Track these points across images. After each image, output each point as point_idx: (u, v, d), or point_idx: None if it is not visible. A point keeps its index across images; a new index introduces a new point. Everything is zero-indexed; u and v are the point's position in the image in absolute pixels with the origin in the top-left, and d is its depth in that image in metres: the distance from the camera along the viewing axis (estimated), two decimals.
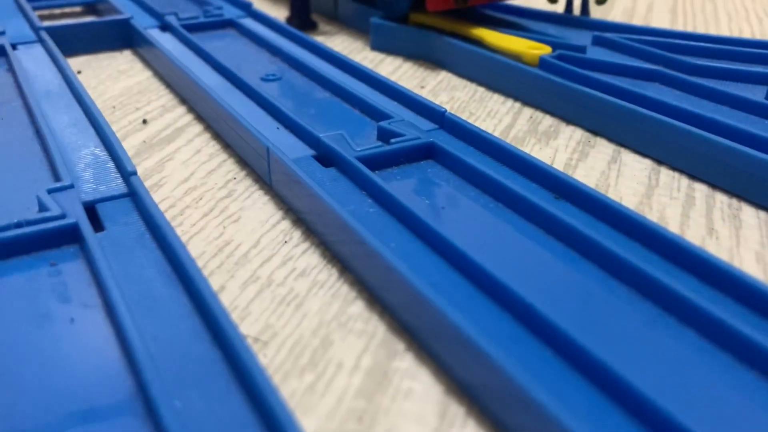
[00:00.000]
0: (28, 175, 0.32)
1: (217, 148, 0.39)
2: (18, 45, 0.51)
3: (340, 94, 0.41)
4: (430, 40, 0.52)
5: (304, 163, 0.33)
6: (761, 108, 0.39)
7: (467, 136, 0.36)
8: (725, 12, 0.64)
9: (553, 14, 0.55)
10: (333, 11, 0.63)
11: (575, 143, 0.39)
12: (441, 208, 0.30)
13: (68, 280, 0.26)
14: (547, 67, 0.45)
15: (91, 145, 0.36)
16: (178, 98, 0.46)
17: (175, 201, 0.34)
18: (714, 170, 0.35)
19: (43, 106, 0.40)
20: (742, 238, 0.30)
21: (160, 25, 0.56)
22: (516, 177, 0.32)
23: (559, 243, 0.28)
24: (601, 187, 0.34)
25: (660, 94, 0.41)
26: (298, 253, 0.30)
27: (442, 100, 0.45)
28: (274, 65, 0.47)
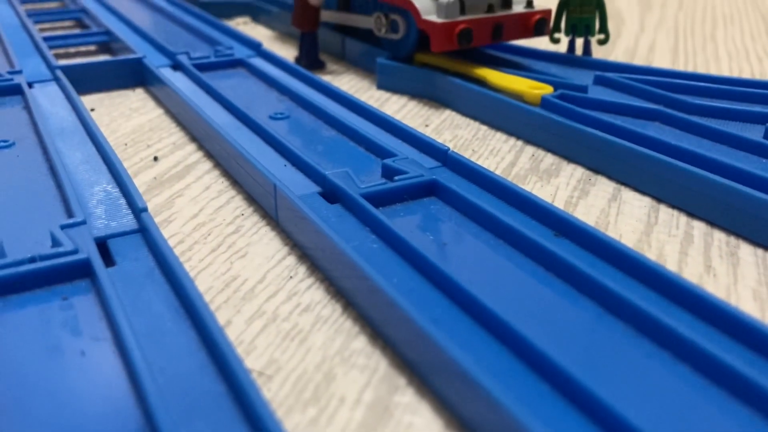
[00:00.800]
0: (42, 210, 0.33)
1: (225, 184, 0.40)
2: (34, 83, 0.52)
3: (346, 132, 0.42)
4: (434, 80, 0.53)
5: (310, 199, 0.34)
6: (759, 147, 0.39)
7: (469, 173, 0.36)
8: (726, 52, 0.65)
9: (556, 54, 0.57)
10: (341, 51, 0.65)
11: (576, 181, 0.40)
12: (443, 244, 0.31)
13: (79, 313, 0.26)
14: (549, 107, 0.46)
15: (103, 181, 0.37)
16: (189, 136, 0.47)
17: (184, 237, 0.35)
18: (712, 208, 0.35)
19: (57, 143, 0.41)
20: (740, 275, 0.31)
21: (172, 64, 0.58)
22: (517, 214, 0.33)
23: (558, 280, 0.28)
24: (601, 224, 0.35)
25: (660, 133, 0.42)
26: (302, 289, 0.30)
27: (446, 138, 0.46)
28: (282, 104, 0.49)
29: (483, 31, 0.51)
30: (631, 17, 0.79)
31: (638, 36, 0.71)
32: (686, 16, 0.79)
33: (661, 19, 0.78)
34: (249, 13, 0.82)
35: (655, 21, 0.77)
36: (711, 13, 0.80)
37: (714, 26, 0.74)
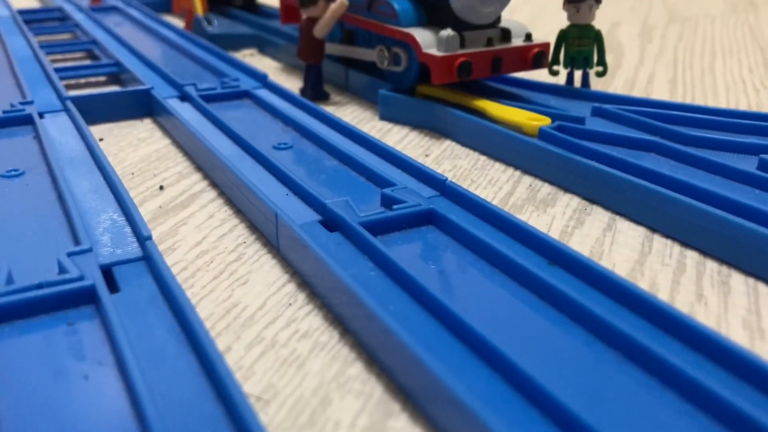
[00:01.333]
0: (50, 238, 0.34)
1: (229, 213, 0.41)
2: (45, 113, 0.53)
3: (347, 162, 0.43)
4: (435, 111, 0.54)
5: (310, 228, 0.35)
6: (753, 178, 0.40)
7: (466, 203, 0.37)
8: (724, 84, 0.66)
9: (555, 86, 0.58)
10: (344, 83, 0.66)
11: (572, 211, 0.41)
12: (439, 272, 0.32)
13: (84, 338, 0.27)
14: (547, 138, 0.47)
15: (109, 210, 0.38)
16: (194, 165, 0.48)
17: (188, 264, 0.35)
18: (705, 238, 0.36)
19: (66, 172, 0.42)
20: (731, 304, 0.31)
21: (179, 95, 0.59)
22: (512, 243, 0.34)
23: (551, 308, 0.29)
24: (595, 253, 0.36)
25: (655, 164, 0.43)
26: (301, 315, 0.31)
27: (446, 168, 0.47)
28: (286, 134, 0.50)
29: (482, 64, 0.52)
30: (631, 49, 0.81)
31: (638, 67, 0.72)
32: (685, 48, 0.81)
33: (660, 50, 0.80)
34: (256, 46, 0.84)
35: (654, 53, 0.79)
36: (710, 46, 0.82)
37: (713, 58, 0.76)
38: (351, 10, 0.60)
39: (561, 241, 0.37)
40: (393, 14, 0.55)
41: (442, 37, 0.51)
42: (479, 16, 0.53)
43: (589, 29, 0.57)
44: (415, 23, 0.55)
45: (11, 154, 0.46)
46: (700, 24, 0.95)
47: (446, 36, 0.51)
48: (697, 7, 1.08)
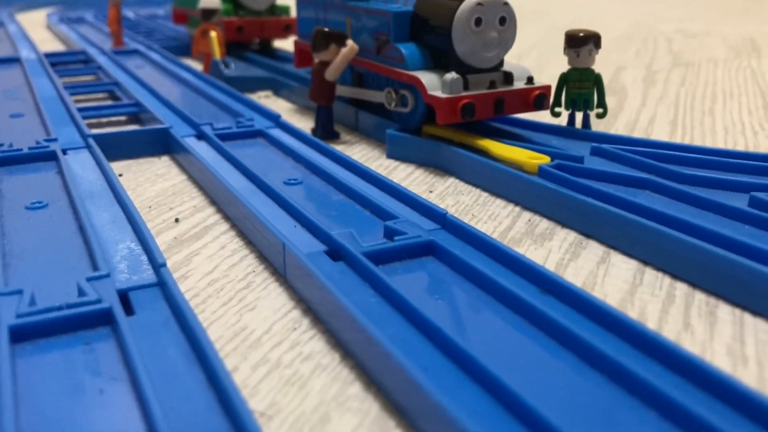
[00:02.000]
0: (71, 264, 0.36)
1: (240, 244, 0.43)
2: (68, 150, 0.56)
3: (353, 197, 0.45)
4: (439, 150, 0.56)
5: (316, 257, 0.37)
6: (744, 214, 0.42)
7: (465, 236, 0.39)
8: (722, 125, 0.68)
9: (557, 127, 0.60)
10: (354, 123, 0.69)
11: (568, 245, 0.42)
12: (436, 299, 0.33)
13: (100, 356, 0.29)
14: (546, 176, 0.48)
15: (127, 239, 0.40)
16: (209, 200, 0.51)
17: (199, 291, 0.37)
18: (694, 271, 0.37)
19: (87, 205, 0.45)
20: (716, 332, 0.33)
21: (196, 134, 0.62)
22: (507, 273, 0.35)
23: (541, 333, 0.30)
24: (588, 284, 0.37)
25: (650, 201, 0.44)
26: (305, 339, 0.33)
27: (448, 203, 0.49)
28: (297, 171, 0.52)
29: (485, 105, 0.55)
30: (635, 92, 0.83)
31: (640, 110, 0.74)
32: (687, 91, 0.83)
33: (663, 94, 0.82)
34: (271, 88, 0.87)
35: (657, 96, 0.81)
36: (711, 89, 0.84)
37: (713, 101, 0.78)
38: (361, 54, 0.63)
39: (556, 273, 0.39)
40: (401, 58, 0.58)
41: (446, 80, 0.54)
42: (482, 60, 0.56)
43: (589, 73, 0.59)
44: (421, 67, 0.57)
45: (36, 187, 0.48)
46: (703, 68, 0.97)
47: (450, 79, 0.53)
48: (701, 52, 1.10)
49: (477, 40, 0.55)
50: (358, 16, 0.64)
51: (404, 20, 0.59)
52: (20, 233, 0.41)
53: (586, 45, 0.58)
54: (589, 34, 0.58)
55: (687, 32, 1.34)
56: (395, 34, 0.59)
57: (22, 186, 0.48)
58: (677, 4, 1.98)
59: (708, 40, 1.23)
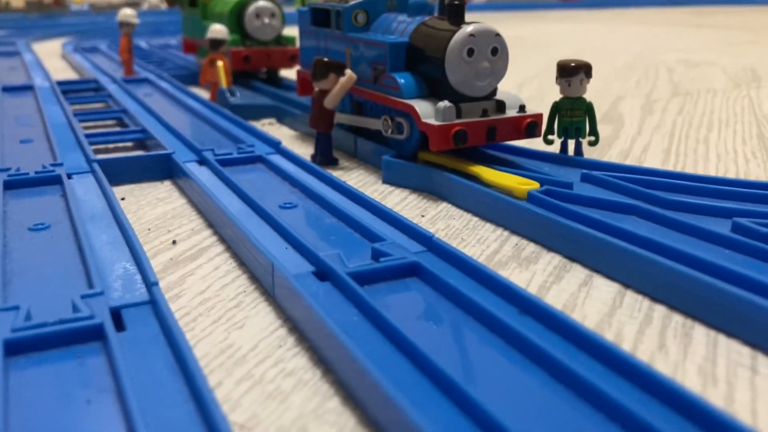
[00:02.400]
0: (68, 283, 0.38)
1: (233, 265, 0.44)
2: (73, 175, 0.58)
3: (344, 220, 0.47)
4: (433, 176, 0.58)
5: (303, 278, 0.38)
6: (726, 240, 0.42)
7: (449, 258, 0.40)
8: (716, 153, 0.69)
9: (550, 154, 0.61)
10: (353, 150, 0.70)
11: (552, 268, 0.43)
12: (416, 318, 0.34)
13: (89, 369, 0.30)
14: (534, 201, 0.50)
15: (123, 260, 0.41)
16: (206, 223, 0.52)
17: (191, 309, 0.39)
18: (671, 293, 0.38)
19: (87, 227, 0.46)
20: (690, 353, 0.33)
21: (198, 159, 0.63)
22: (487, 294, 0.36)
23: (514, 351, 0.31)
24: (569, 306, 0.38)
25: (634, 226, 0.45)
26: (289, 356, 0.34)
27: (439, 227, 0.50)
28: (293, 195, 0.54)
29: (477, 132, 0.56)
30: (632, 121, 0.84)
31: (635, 138, 0.76)
32: (684, 120, 0.84)
33: (659, 123, 0.83)
34: (275, 115, 0.89)
35: (654, 125, 0.82)
36: (708, 118, 0.85)
37: (709, 130, 0.79)
38: (359, 83, 0.65)
39: (538, 295, 0.40)
40: (396, 87, 0.59)
41: (439, 108, 0.55)
42: (475, 89, 0.57)
43: (581, 101, 0.60)
44: (416, 95, 0.59)
45: (39, 209, 0.50)
46: (701, 97, 0.98)
47: (443, 107, 0.55)
48: (701, 82, 1.12)
49: (469, 69, 0.56)
50: (357, 46, 0.66)
51: (400, 51, 0.61)
52: (21, 253, 0.42)
53: (577, 75, 0.59)
54: (579, 64, 0.59)
55: (689, 62, 1.36)
56: (391, 64, 0.61)
57: (27, 208, 0.50)
58: (682, 35, 2.00)
59: (709, 71, 1.25)
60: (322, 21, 0.72)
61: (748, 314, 0.35)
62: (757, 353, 0.33)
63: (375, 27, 0.66)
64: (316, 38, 0.74)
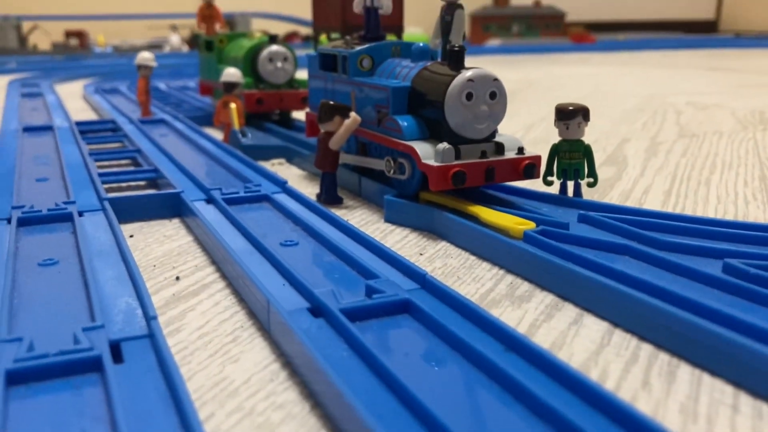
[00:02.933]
0: (71, 316, 0.39)
1: (233, 301, 0.46)
2: (84, 212, 0.60)
3: (342, 257, 0.48)
4: (432, 215, 0.59)
5: (298, 314, 0.39)
6: (715, 280, 0.43)
7: (441, 295, 0.41)
8: (716, 195, 0.70)
9: (549, 195, 0.62)
10: (358, 189, 0.72)
11: (544, 306, 0.44)
12: (404, 354, 0.35)
13: (86, 399, 0.31)
14: (530, 241, 0.51)
15: (126, 295, 0.43)
16: (210, 260, 0.54)
17: (189, 344, 0.40)
18: (659, 332, 0.39)
19: (94, 263, 0.48)
20: (672, 391, 0.34)
21: (206, 198, 0.65)
22: (475, 331, 0.37)
23: (498, 387, 0.32)
24: (557, 344, 0.39)
25: (626, 266, 0.46)
26: (280, 390, 0.35)
27: (436, 266, 0.51)
28: (294, 233, 0.55)
29: (476, 173, 0.57)
30: (635, 163, 0.85)
31: (637, 179, 0.77)
32: (688, 162, 0.85)
33: (663, 164, 0.84)
34: (284, 156, 0.91)
35: (657, 166, 0.83)
36: (712, 160, 0.86)
37: (711, 172, 0.79)
38: (363, 125, 0.67)
39: (529, 333, 0.41)
40: (398, 129, 0.61)
41: (438, 149, 0.57)
42: (474, 131, 0.59)
43: (579, 144, 0.62)
44: (417, 137, 0.61)
45: (50, 246, 0.52)
46: (707, 140, 0.99)
47: (442, 149, 0.56)
48: (708, 125, 1.13)
49: (468, 113, 0.58)
50: (362, 89, 0.68)
51: (402, 94, 0.63)
52: (29, 287, 0.44)
53: (575, 118, 0.61)
54: (577, 107, 0.61)
55: (697, 105, 1.37)
56: (394, 107, 0.63)
57: (38, 244, 0.52)
58: (693, 77, 2.02)
59: (718, 113, 1.26)
60: (329, 65, 0.74)
61: (732, 353, 0.35)
62: (740, 392, 0.34)
63: (379, 71, 0.69)
64: (324, 82, 0.76)
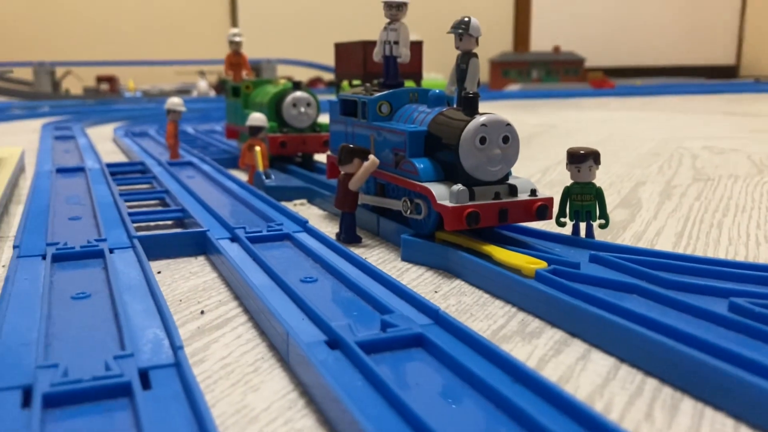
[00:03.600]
0: (103, 345, 0.42)
1: (254, 334, 0.48)
2: (115, 249, 0.63)
3: (359, 293, 0.50)
4: (448, 254, 0.61)
5: (315, 346, 0.41)
6: (721, 318, 0.44)
7: (453, 330, 0.43)
8: (728, 237, 0.71)
9: (562, 236, 0.64)
10: (376, 229, 0.74)
11: (554, 342, 0.46)
12: (416, 384, 0.37)
13: (116, 422, 0.34)
14: (542, 279, 0.52)
15: (154, 326, 0.45)
16: (233, 295, 0.56)
17: (212, 373, 0.42)
18: (664, 367, 0.40)
19: (124, 297, 0.50)
20: (675, 423, 0.35)
21: (230, 236, 0.68)
22: (484, 363, 0.39)
23: (503, 415, 0.34)
24: (564, 378, 0.40)
25: (634, 304, 0.48)
26: (298, 417, 0.37)
27: (450, 303, 0.53)
28: (314, 270, 0.57)
29: (489, 214, 0.60)
30: (649, 205, 0.87)
31: (650, 222, 0.78)
32: (701, 205, 0.86)
33: (676, 207, 0.85)
34: (306, 196, 0.94)
35: (670, 209, 0.84)
36: (726, 203, 0.87)
37: (724, 215, 0.81)
38: (381, 167, 0.70)
39: (537, 367, 0.42)
40: (415, 171, 0.64)
41: (453, 191, 0.59)
42: (487, 174, 0.61)
43: (590, 186, 0.64)
44: (433, 179, 0.63)
45: (82, 280, 0.54)
46: (722, 183, 1.01)
47: (457, 190, 0.59)
48: (723, 169, 1.14)
49: (482, 156, 0.60)
50: (380, 133, 0.71)
51: (419, 138, 0.65)
52: (63, 318, 0.46)
53: (586, 161, 0.63)
54: (588, 151, 0.63)
55: (714, 149, 1.38)
56: (411, 150, 0.65)
57: (71, 279, 0.55)
58: (710, 122, 2.03)
59: (734, 157, 1.27)
60: (350, 111, 0.78)
61: (734, 388, 0.36)
62: (741, 425, 0.35)
63: (397, 116, 0.71)
64: (345, 126, 0.79)
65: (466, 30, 0.66)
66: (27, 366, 0.39)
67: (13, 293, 0.51)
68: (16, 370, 0.38)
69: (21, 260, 0.59)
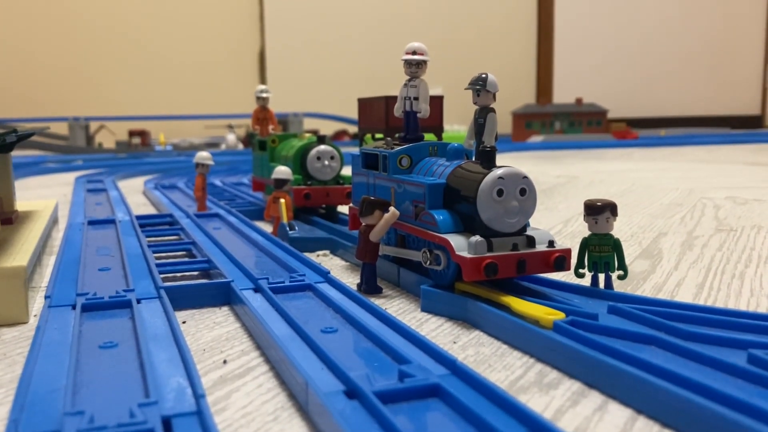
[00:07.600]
0: (128, 393, 0.43)
1: (275, 384, 0.49)
2: (142, 299, 0.65)
3: (378, 343, 0.51)
4: (467, 305, 0.62)
5: (334, 395, 0.42)
6: (740, 370, 0.44)
7: (470, 380, 0.44)
8: (749, 289, 0.71)
9: (580, 287, 0.64)
10: (397, 280, 0.75)
11: (571, 393, 0.46)
12: None
13: None
14: (559, 330, 0.53)
15: (178, 375, 0.46)
16: (255, 345, 0.57)
17: (233, 421, 0.43)
18: (680, 419, 0.40)
19: (150, 346, 0.52)
20: None
21: (254, 287, 0.69)
22: (500, 414, 0.39)
23: None
24: (580, 428, 0.41)
25: (652, 355, 0.48)
26: None
27: (469, 353, 0.54)
28: (335, 320, 0.58)
29: (507, 265, 0.60)
30: (670, 256, 0.87)
31: (671, 273, 0.78)
32: (723, 255, 0.86)
33: (698, 258, 0.85)
34: (329, 247, 0.96)
35: (692, 260, 0.84)
36: (748, 254, 0.87)
37: (746, 265, 0.80)
38: (402, 218, 0.71)
39: (554, 418, 0.42)
40: (434, 223, 0.65)
41: (471, 242, 0.60)
42: (505, 225, 0.62)
43: (608, 238, 0.64)
44: (451, 230, 0.64)
45: (110, 330, 0.56)
46: (744, 234, 1.00)
47: (475, 241, 0.60)
48: (746, 219, 1.14)
49: (499, 208, 0.61)
50: (401, 186, 0.72)
51: (438, 191, 0.67)
52: (91, 367, 0.48)
53: (603, 213, 0.64)
54: (605, 203, 0.64)
55: (737, 199, 1.38)
56: (430, 202, 0.67)
57: (99, 328, 0.56)
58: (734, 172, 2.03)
59: (757, 207, 1.27)
60: (371, 164, 0.80)
61: None
62: None
63: (417, 169, 0.73)
64: (366, 178, 0.81)
65: (484, 86, 0.68)
66: (55, 412, 0.40)
67: (44, 342, 0.53)
68: (44, 416, 0.40)
69: (52, 310, 0.61)
